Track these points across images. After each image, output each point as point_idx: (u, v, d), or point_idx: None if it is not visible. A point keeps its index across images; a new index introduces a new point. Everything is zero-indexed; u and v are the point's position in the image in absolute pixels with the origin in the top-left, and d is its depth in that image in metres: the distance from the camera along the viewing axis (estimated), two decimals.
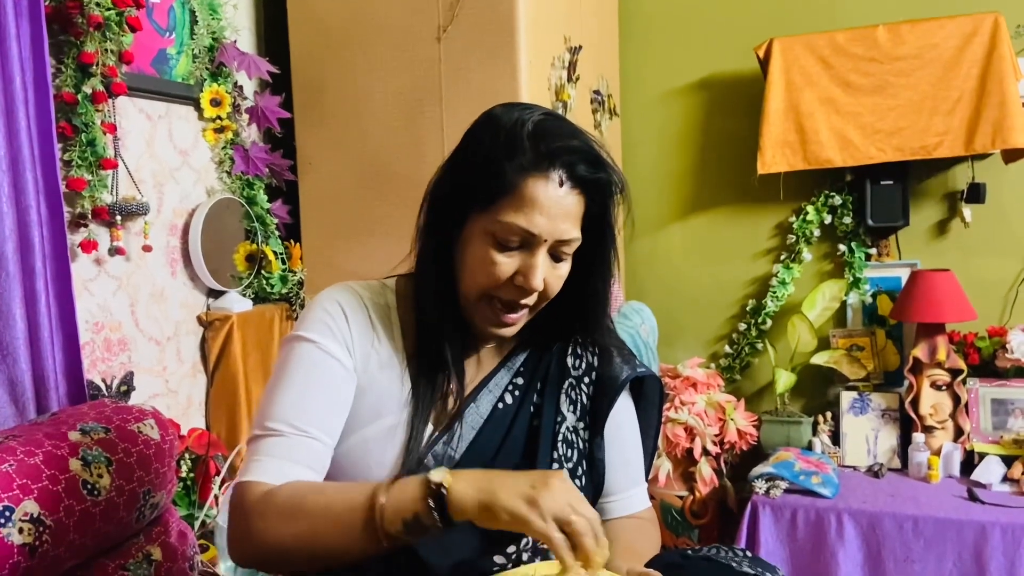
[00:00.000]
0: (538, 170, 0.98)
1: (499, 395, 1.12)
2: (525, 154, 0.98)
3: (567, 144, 0.99)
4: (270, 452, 0.99)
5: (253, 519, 0.94)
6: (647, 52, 2.92)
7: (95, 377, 1.76)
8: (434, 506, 0.86)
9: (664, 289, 2.97)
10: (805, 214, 2.74)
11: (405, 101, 2.10)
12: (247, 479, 0.97)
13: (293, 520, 0.92)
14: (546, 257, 1.02)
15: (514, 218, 0.98)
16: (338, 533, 0.90)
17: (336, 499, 0.92)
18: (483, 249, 1.01)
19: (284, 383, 1.03)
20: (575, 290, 1.10)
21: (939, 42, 2.41)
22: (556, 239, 1.00)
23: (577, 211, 1.01)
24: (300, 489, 0.95)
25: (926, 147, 2.44)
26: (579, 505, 0.85)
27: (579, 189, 1.00)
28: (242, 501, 0.96)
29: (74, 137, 1.67)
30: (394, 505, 0.88)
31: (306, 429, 1.00)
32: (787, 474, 2.31)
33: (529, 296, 1.03)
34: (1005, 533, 2.06)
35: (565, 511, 0.83)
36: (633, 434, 1.22)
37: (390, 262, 1.20)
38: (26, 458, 1.15)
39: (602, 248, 1.08)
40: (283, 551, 0.93)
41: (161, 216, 1.97)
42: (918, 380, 2.47)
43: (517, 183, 0.97)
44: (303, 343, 1.05)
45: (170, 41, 1.97)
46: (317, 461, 1.01)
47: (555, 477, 0.86)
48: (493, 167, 0.98)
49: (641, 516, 1.20)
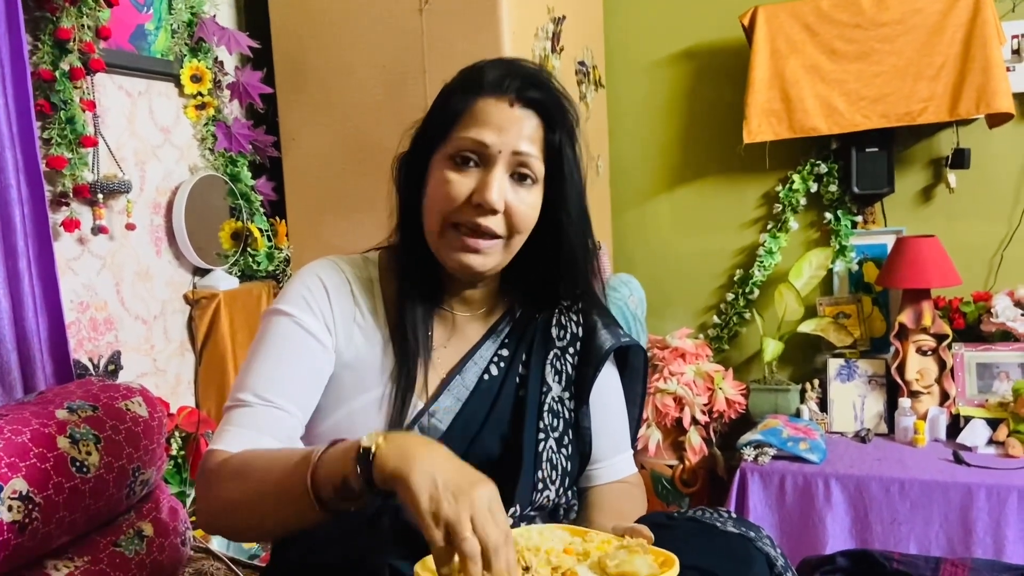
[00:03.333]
0: (489, 92, 1.03)
1: (484, 367, 1.13)
2: (477, 83, 1.04)
3: (517, 69, 1.05)
4: (237, 422, 1.00)
5: (211, 483, 0.96)
6: (632, 22, 2.90)
7: (82, 357, 1.75)
8: (360, 470, 0.81)
9: (652, 260, 2.97)
10: (791, 183, 2.74)
11: (388, 74, 2.08)
12: (212, 447, 0.99)
13: (240, 481, 0.93)
14: (505, 177, 1.03)
15: (465, 133, 1.02)
16: (277, 493, 0.89)
17: (278, 460, 0.92)
18: (441, 173, 1.03)
19: (258, 356, 1.04)
20: (550, 244, 1.11)
21: (923, 7, 2.41)
22: (511, 150, 1.02)
23: (532, 132, 1.04)
24: (253, 453, 0.96)
25: (911, 113, 2.44)
26: (486, 526, 0.74)
27: (532, 110, 1.04)
28: (204, 467, 0.98)
29: (53, 115, 1.65)
30: (326, 466, 0.84)
31: (272, 400, 1.01)
32: (775, 441, 2.33)
33: (489, 217, 1.02)
34: (990, 494, 2.08)
35: (461, 524, 0.74)
36: (618, 402, 1.23)
37: (376, 236, 1.21)
38: (13, 436, 1.15)
39: (566, 186, 1.08)
40: (232, 513, 0.94)
41: (144, 194, 1.96)
42: (904, 346, 2.49)
43: (469, 104, 1.03)
44: (280, 316, 1.06)
45: (148, 16, 1.94)
46: (282, 431, 1.01)
47: (481, 487, 0.77)
48: (448, 100, 1.05)
49: (628, 481, 1.22)
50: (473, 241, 1.03)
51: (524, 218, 1.05)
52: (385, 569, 0.86)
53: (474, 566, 0.73)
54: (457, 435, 1.07)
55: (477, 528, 0.74)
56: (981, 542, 2.07)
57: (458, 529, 0.74)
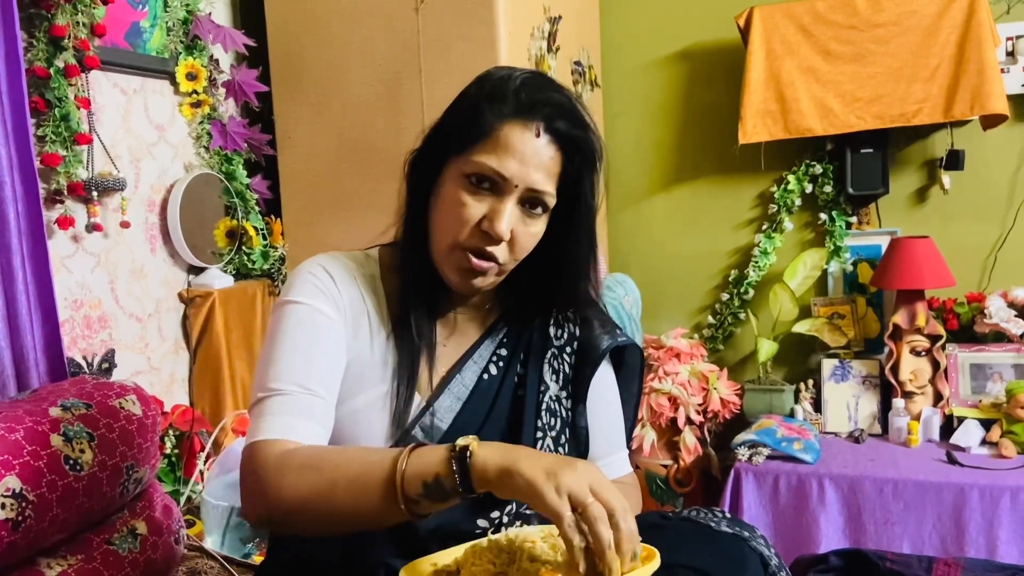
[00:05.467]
0: (516, 117, 0.99)
1: (484, 366, 1.12)
2: (506, 102, 0.99)
3: (549, 97, 1.01)
4: (276, 411, 0.96)
5: (270, 474, 0.91)
6: (628, 22, 2.91)
7: (76, 355, 1.75)
8: (456, 468, 0.83)
9: (647, 260, 2.97)
10: (786, 183, 2.75)
11: (384, 73, 2.08)
12: (259, 438, 0.94)
13: (311, 473, 0.89)
14: (516, 208, 1.01)
15: (486, 159, 0.99)
16: (356, 491, 0.87)
17: (356, 457, 0.91)
18: (454, 191, 1.01)
19: (280, 345, 1.01)
20: (553, 260, 1.10)
21: (918, 9, 2.41)
22: (527, 187, 1.00)
23: (552, 166, 1.01)
24: (320, 449, 0.95)
25: (905, 114, 2.45)
26: (604, 492, 0.80)
27: (556, 144, 1.01)
28: (257, 458, 0.93)
29: (47, 112, 1.65)
30: (416, 466, 0.85)
31: (309, 386, 0.98)
32: (769, 441, 2.34)
33: (495, 245, 1.01)
34: (983, 495, 2.09)
35: (583, 492, 0.78)
36: (614, 401, 1.23)
37: (371, 235, 1.20)
38: (7, 434, 1.15)
39: (578, 215, 1.07)
40: (300, 505, 0.89)
41: (139, 192, 1.95)
42: (898, 346, 2.49)
43: (494, 127, 0.99)
44: (294, 305, 1.04)
45: (143, 14, 1.94)
46: (325, 417, 0.99)
47: (584, 462, 0.83)
48: (474, 111, 1.01)
49: (623, 481, 1.22)
50: (477, 263, 1.02)
51: (525, 247, 1.05)
52: (380, 567, 0.86)
53: (604, 528, 0.77)
54: (458, 434, 1.06)
55: (599, 494, 0.79)
56: (974, 542, 2.08)
57: (581, 497, 0.78)
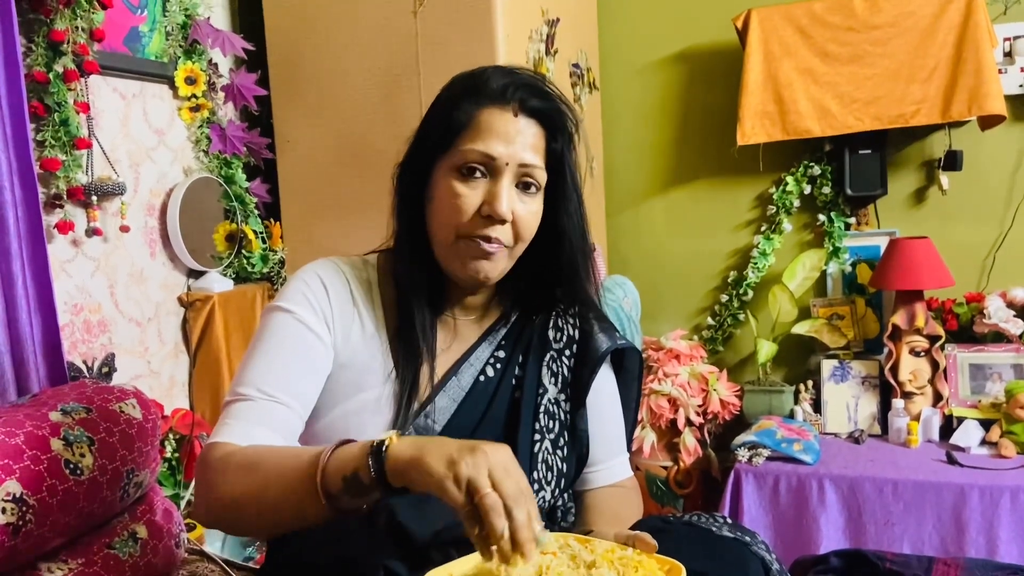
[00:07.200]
0: (492, 102, 1.03)
1: (480, 368, 1.13)
2: (480, 92, 1.04)
3: (518, 78, 1.05)
4: (237, 416, 1.00)
5: (213, 475, 0.95)
6: (626, 24, 2.91)
7: (76, 359, 1.75)
8: (373, 463, 0.82)
9: (646, 262, 2.97)
10: (785, 185, 2.75)
11: (382, 76, 2.08)
12: (213, 440, 0.99)
13: (246, 474, 0.92)
14: (512, 187, 1.04)
15: (473, 144, 1.02)
16: (283, 488, 0.89)
17: (287, 455, 0.92)
18: (449, 186, 1.04)
19: (258, 351, 1.04)
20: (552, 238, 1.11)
21: (915, 10, 2.42)
22: (518, 163, 1.03)
23: (536, 142, 1.05)
24: (259, 448, 0.96)
25: (903, 115, 2.45)
26: (503, 480, 0.76)
27: (536, 121, 1.05)
28: (205, 459, 0.97)
29: (47, 117, 1.65)
30: (337, 461, 0.85)
31: (273, 394, 1.01)
32: (769, 442, 2.34)
33: (499, 227, 1.03)
34: (983, 495, 2.09)
35: (480, 481, 0.75)
36: (614, 405, 1.24)
37: (370, 239, 1.21)
38: (7, 439, 1.15)
39: (567, 188, 1.10)
40: (234, 506, 0.93)
41: (138, 196, 1.96)
42: (897, 347, 2.49)
43: (473, 115, 1.03)
44: (280, 313, 1.07)
45: (142, 18, 1.94)
46: (283, 425, 1.01)
47: (492, 445, 0.79)
48: (451, 107, 1.05)
49: (624, 485, 1.22)
50: (485, 246, 1.04)
51: (529, 226, 1.07)
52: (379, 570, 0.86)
53: (497, 518, 0.74)
54: (452, 435, 1.07)
55: (496, 484, 0.75)
56: (974, 542, 2.08)
57: (478, 485, 0.75)
